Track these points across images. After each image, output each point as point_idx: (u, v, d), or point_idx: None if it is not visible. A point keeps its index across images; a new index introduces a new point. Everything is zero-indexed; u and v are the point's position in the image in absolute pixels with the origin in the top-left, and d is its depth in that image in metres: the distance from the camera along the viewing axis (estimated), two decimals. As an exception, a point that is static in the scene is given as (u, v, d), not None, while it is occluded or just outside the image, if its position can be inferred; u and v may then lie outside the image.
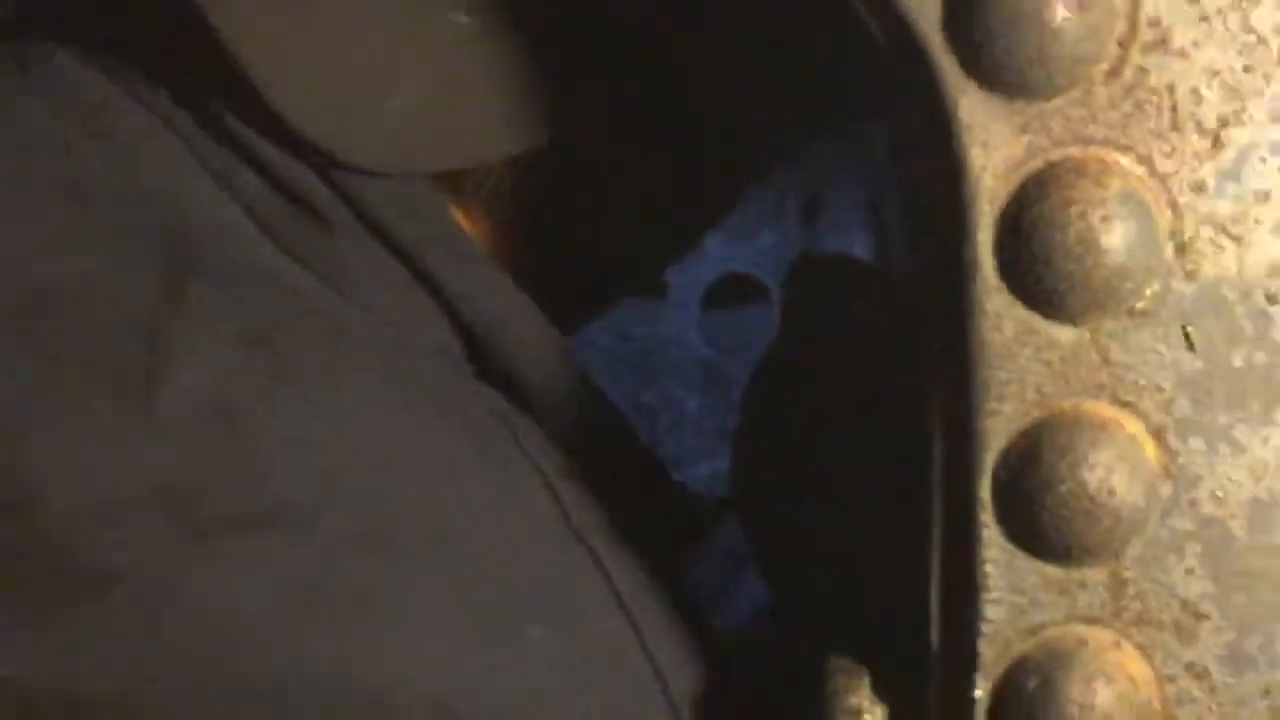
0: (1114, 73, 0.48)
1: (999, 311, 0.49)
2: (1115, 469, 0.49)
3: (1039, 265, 0.49)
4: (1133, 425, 0.50)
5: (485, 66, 0.62)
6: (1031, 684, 0.51)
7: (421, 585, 0.56)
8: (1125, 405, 0.50)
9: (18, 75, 0.62)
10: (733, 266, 0.92)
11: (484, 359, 0.63)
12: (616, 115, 0.64)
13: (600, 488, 0.61)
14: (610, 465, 0.63)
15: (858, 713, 0.53)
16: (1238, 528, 0.51)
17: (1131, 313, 0.49)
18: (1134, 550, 0.51)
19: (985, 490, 0.51)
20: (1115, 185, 0.48)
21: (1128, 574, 0.51)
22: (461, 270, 0.63)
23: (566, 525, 0.59)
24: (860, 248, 0.88)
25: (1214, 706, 0.52)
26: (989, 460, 0.51)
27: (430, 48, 0.62)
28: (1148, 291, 0.49)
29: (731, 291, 0.93)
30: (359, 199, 0.62)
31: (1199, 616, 0.52)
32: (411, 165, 0.63)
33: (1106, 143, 0.49)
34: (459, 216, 0.64)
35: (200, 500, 0.55)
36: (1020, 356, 0.50)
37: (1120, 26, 0.48)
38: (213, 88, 0.62)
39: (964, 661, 0.52)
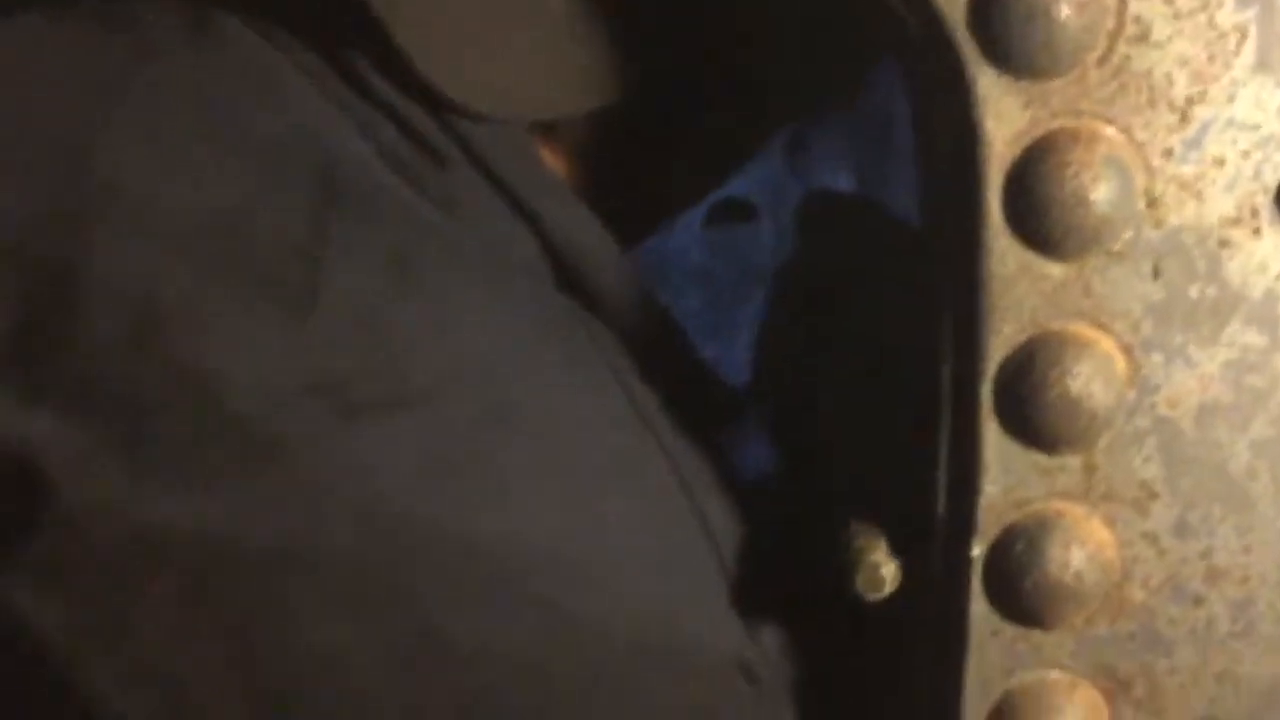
0: (1104, 59, 0.60)
1: (1004, 251, 0.61)
2: (1093, 378, 0.61)
3: (1038, 214, 0.60)
4: (1107, 343, 0.62)
5: (580, 29, 0.73)
6: (1019, 546, 0.63)
7: (532, 455, 0.67)
8: (1102, 326, 0.62)
9: (195, 34, 0.71)
10: (729, 192, 1.03)
11: (567, 275, 0.73)
12: (678, 73, 0.75)
13: (658, 381, 0.72)
14: (666, 362, 0.74)
15: (877, 566, 0.65)
16: (1186, 426, 0.63)
17: (1110, 253, 0.61)
18: (1104, 442, 0.63)
19: (987, 393, 0.63)
20: (1101, 150, 0.60)
21: (1099, 461, 0.63)
22: (550, 201, 0.74)
23: (636, 414, 0.70)
24: (842, 184, 0.99)
25: (1162, 565, 0.64)
26: (990, 369, 0.62)
27: (537, 11, 0.72)
28: (1124, 236, 0.61)
29: (725, 212, 1.05)
30: (469, 141, 0.72)
31: (1153, 495, 0.63)
32: (518, 113, 0.73)
33: (1095, 116, 0.60)
34: (544, 152, 0.75)
35: (350, 387, 0.65)
36: (1019, 287, 0.61)
37: (1110, 22, 0.59)
38: (352, 45, 0.72)
39: (965, 527, 0.64)
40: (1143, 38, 0.59)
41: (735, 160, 0.85)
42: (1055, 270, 0.61)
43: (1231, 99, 0.60)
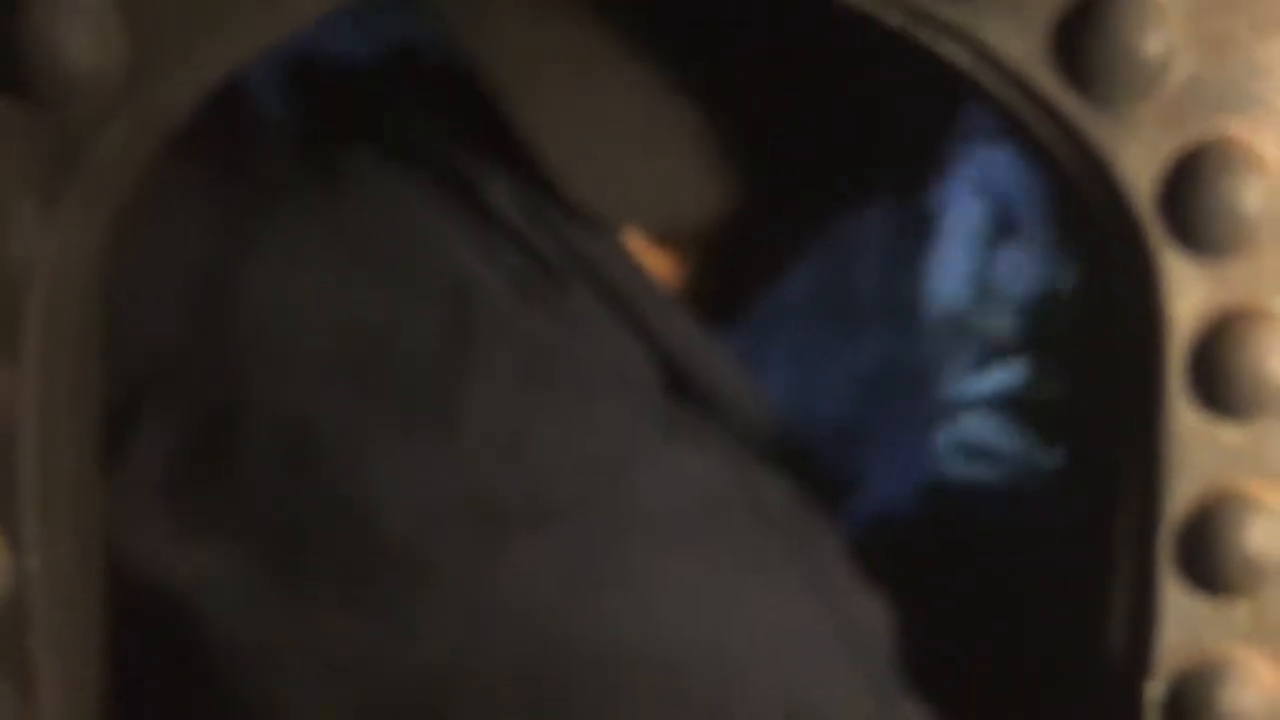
0: (1277, 241, 0.65)
1: (1183, 417, 0.65)
2: (1266, 532, 0.66)
3: (1217, 384, 0.65)
4: (1276, 498, 0.67)
5: (702, 141, 0.77)
6: (1194, 687, 0.68)
7: (671, 560, 0.71)
8: (1272, 483, 0.67)
9: (323, 171, 0.76)
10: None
11: (680, 381, 0.78)
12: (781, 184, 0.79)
13: (773, 474, 0.76)
14: (777, 455, 0.78)
15: None
16: (1350, 575, 0.68)
17: (1281, 417, 0.66)
18: (1271, 588, 0.67)
19: (1165, 545, 0.67)
20: (1277, 326, 0.65)
21: (1267, 605, 0.67)
22: (662, 313, 0.78)
23: (760, 510, 0.74)
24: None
25: (1324, 703, 0.69)
26: (1169, 523, 0.67)
27: (666, 128, 0.76)
28: (1296, 403, 0.66)
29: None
30: (587, 259, 0.77)
31: (1318, 639, 0.69)
32: (651, 222, 0.78)
33: (1270, 292, 0.65)
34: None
35: (496, 504, 0.69)
36: (1197, 449, 0.66)
37: (1281, 207, 0.65)
38: (477, 172, 0.76)
39: (1142, 668, 0.68)
40: (1312, 219, 0.65)
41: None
42: (1231, 434, 0.66)
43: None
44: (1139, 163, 0.63)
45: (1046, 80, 0.63)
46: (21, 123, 0.60)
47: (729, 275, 0.84)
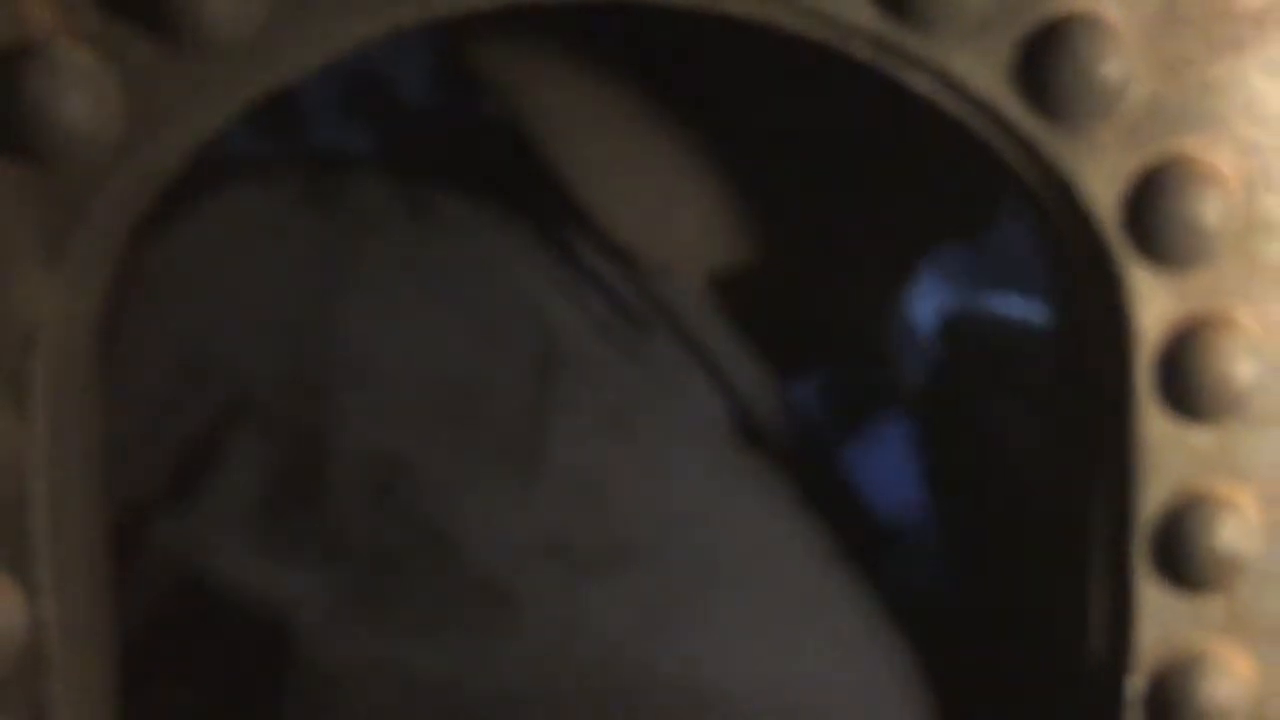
0: (1237, 250, 0.67)
1: (1153, 421, 0.68)
2: (1235, 530, 0.69)
3: (1184, 388, 0.68)
4: (1246, 497, 0.69)
5: (731, 189, 0.80)
6: (1173, 680, 0.71)
7: (741, 604, 0.74)
8: (1241, 483, 0.69)
9: (413, 208, 0.78)
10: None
11: (749, 424, 0.81)
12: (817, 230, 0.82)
13: (829, 517, 0.79)
14: (832, 499, 0.81)
15: None
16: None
17: (1248, 419, 0.69)
18: (1244, 583, 0.70)
19: (1140, 545, 0.70)
20: (1239, 332, 0.67)
21: (1240, 599, 0.70)
22: (736, 359, 0.81)
23: (820, 553, 0.77)
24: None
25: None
26: (1142, 523, 0.70)
27: (705, 185, 0.79)
28: (1260, 404, 0.68)
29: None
30: (666, 304, 0.79)
31: (1288, 626, 0.71)
32: (701, 264, 0.81)
33: (1232, 300, 0.67)
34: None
35: (577, 545, 0.72)
36: (1167, 451, 0.69)
37: (1241, 219, 0.67)
38: (559, 218, 0.79)
39: (1121, 663, 0.71)
40: (1269, 230, 0.67)
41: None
42: (1200, 436, 0.69)
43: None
44: (1102, 181, 0.66)
45: (1010, 105, 0.66)
46: (24, 184, 0.62)
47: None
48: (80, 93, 0.61)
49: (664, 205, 0.80)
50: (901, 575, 0.83)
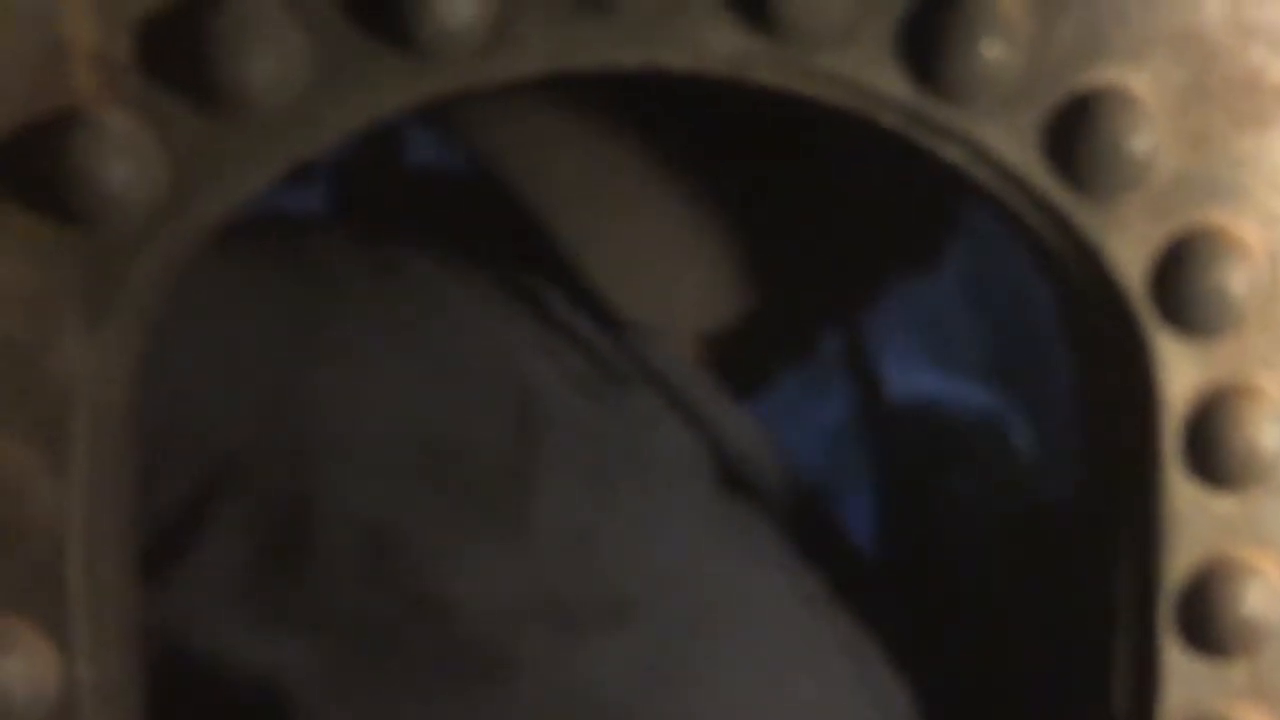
0: (1262, 319, 0.68)
1: (1179, 489, 0.69)
2: (1260, 597, 0.70)
3: (1210, 457, 0.68)
4: (1270, 564, 0.70)
5: (726, 248, 0.81)
6: (1197, 744, 0.72)
7: (733, 655, 0.74)
8: (1266, 550, 0.70)
9: (383, 272, 0.78)
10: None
11: (730, 472, 0.81)
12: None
13: (813, 559, 0.80)
14: (816, 540, 0.81)
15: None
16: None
17: (1274, 487, 0.69)
18: (1268, 649, 0.71)
19: (1166, 612, 0.70)
20: (1265, 401, 0.68)
21: (1264, 665, 0.71)
22: (715, 408, 0.81)
23: (805, 597, 0.77)
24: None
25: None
26: (1168, 590, 0.70)
27: (694, 238, 0.80)
28: (1285, 473, 0.70)
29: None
30: (643, 357, 0.80)
31: (1310, 693, 0.72)
32: (685, 323, 0.81)
33: (1258, 368, 0.68)
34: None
35: (569, 604, 0.72)
36: (1193, 519, 0.70)
37: (1266, 288, 0.68)
38: (536, 276, 0.79)
39: (1146, 727, 0.72)
40: (1293, 299, 0.68)
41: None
42: (1225, 503, 0.69)
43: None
44: (1129, 251, 0.67)
45: (1040, 177, 0.67)
46: (67, 246, 0.63)
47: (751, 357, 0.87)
48: (123, 158, 0.62)
49: (658, 264, 0.80)
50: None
